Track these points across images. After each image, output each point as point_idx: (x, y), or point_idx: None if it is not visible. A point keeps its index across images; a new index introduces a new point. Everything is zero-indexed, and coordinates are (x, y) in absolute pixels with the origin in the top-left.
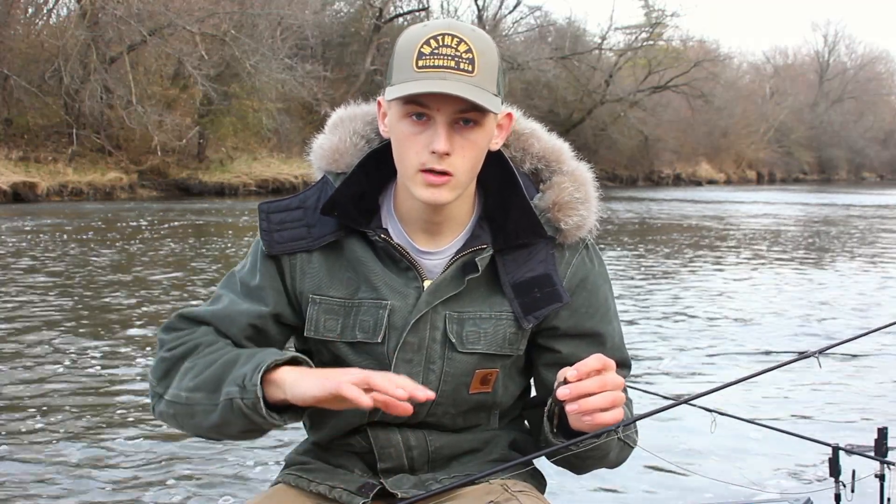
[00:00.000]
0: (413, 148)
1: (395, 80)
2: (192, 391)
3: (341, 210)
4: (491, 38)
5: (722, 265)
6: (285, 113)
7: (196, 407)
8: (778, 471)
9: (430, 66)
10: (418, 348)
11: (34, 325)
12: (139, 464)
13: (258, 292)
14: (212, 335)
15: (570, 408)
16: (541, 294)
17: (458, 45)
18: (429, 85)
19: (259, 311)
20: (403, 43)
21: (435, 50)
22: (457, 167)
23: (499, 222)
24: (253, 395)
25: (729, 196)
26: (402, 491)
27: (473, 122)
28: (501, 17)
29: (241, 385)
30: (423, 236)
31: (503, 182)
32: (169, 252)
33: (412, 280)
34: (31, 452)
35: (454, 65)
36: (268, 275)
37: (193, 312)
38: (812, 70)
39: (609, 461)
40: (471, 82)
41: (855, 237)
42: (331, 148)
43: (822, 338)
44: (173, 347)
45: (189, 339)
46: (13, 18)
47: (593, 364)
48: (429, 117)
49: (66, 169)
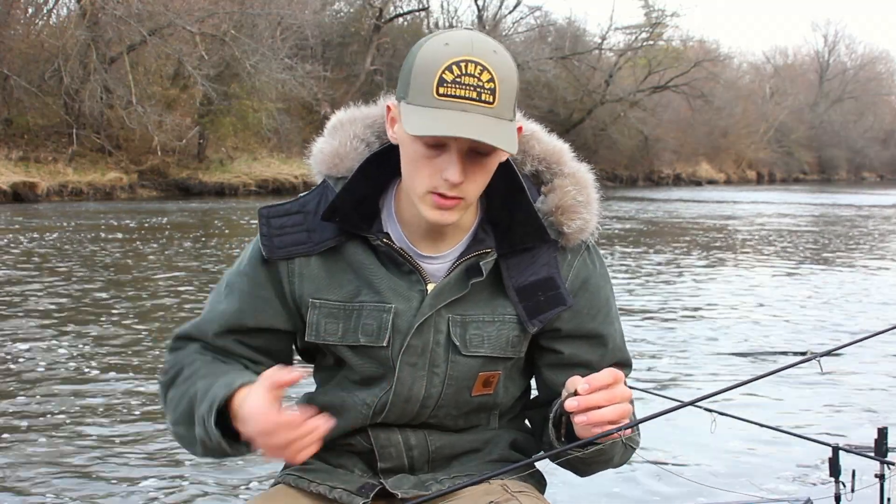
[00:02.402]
0: (425, 171)
1: (414, 100)
2: (175, 425)
3: (342, 216)
4: (510, 57)
5: (722, 265)
6: (285, 113)
7: (184, 440)
8: (778, 471)
9: (452, 96)
10: (422, 352)
11: (35, 325)
12: (139, 464)
13: (247, 300)
14: (194, 353)
15: (577, 418)
16: (545, 297)
17: (480, 73)
18: (450, 123)
19: (234, 317)
20: (424, 62)
21: (457, 78)
22: (468, 192)
23: (503, 226)
24: (216, 438)
25: (729, 196)
26: (403, 491)
27: (488, 153)
28: (501, 17)
29: (203, 426)
30: (425, 240)
31: (507, 186)
32: (169, 252)
33: (415, 283)
34: (28, 453)
35: (476, 96)
36: (259, 281)
37: (182, 331)
38: (812, 70)
39: (613, 464)
40: (491, 113)
41: (856, 238)
42: (331, 152)
43: (824, 338)
44: (165, 372)
45: (175, 364)
46: (13, 18)
47: (604, 379)
48: (444, 143)
49: (66, 169)
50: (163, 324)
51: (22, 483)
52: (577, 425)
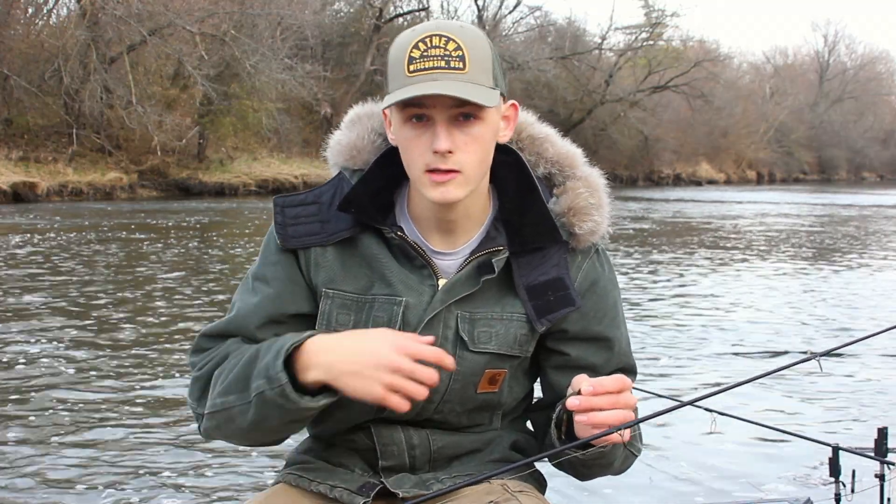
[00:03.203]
0: (417, 150)
1: (391, 87)
2: (224, 395)
3: (358, 207)
4: (481, 32)
5: (722, 265)
6: (285, 113)
7: (232, 410)
8: (778, 471)
9: (421, 69)
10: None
11: (33, 326)
12: (139, 464)
13: (272, 287)
14: (237, 343)
15: (578, 418)
16: (554, 297)
17: (446, 44)
18: (419, 88)
19: (273, 305)
20: (394, 50)
21: (424, 52)
22: (463, 163)
23: (515, 225)
24: (278, 382)
25: (729, 196)
26: (404, 490)
27: (473, 116)
28: (501, 17)
29: (266, 376)
30: (438, 236)
31: (520, 185)
32: (169, 252)
33: (427, 278)
34: (27, 453)
35: (444, 64)
36: (283, 267)
37: (213, 329)
38: (812, 70)
39: (613, 469)
40: (463, 79)
41: (857, 238)
42: (348, 144)
43: (824, 338)
44: (202, 366)
45: (216, 354)
46: (13, 18)
47: (610, 385)
48: (428, 118)
49: (66, 169)
50: (163, 324)
51: (20, 483)
52: (577, 424)
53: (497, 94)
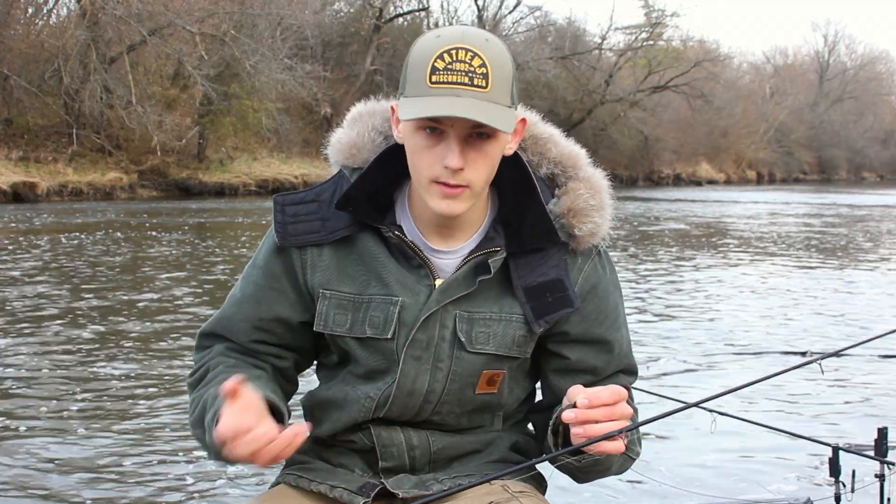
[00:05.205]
0: (427, 160)
1: (410, 92)
2: (192, 427)
3: (356, 205)
4: (504, 46)
5: (722, 265)
6: (285, 113)
7: (200, 441)
8: (778, 471)
9: (444, 83)
10: (427, 346)
11: (33, 325)
12: (138, 463)
13: (258, 290)
14: (218, 356)
15: (574, 430)
16: (552, 299)
17: (471, 59)
18: (442, 105)
19: (255, 311)
20: (417, 55)
21: (448, 65)
22: (472, 180)
23: (514, 226)
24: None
25: (729, 196)
26: (403, 491)
27: (488, 135)
28: (501, 17)
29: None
30: (437, 236)
31: (520, 186)
32: (169, 252)
33: (424, 278)
34: (28, 453)
35: (468, 80)
36: (275, 273)
37: (207, 327)
38: (812, 70)
39: (611, 472)
40: (484, 98)
41: (858, 238)
42: (349, 142)
43: (825, 339)
44: (192, 374)
45: (202, 366)
46: (13, 18)
47: (606, 397)
48: (442, 131)
49: (66, 169)
50: (163, 324)
51: (19, 482)
52: (573, 437)
53: (514, 114)
